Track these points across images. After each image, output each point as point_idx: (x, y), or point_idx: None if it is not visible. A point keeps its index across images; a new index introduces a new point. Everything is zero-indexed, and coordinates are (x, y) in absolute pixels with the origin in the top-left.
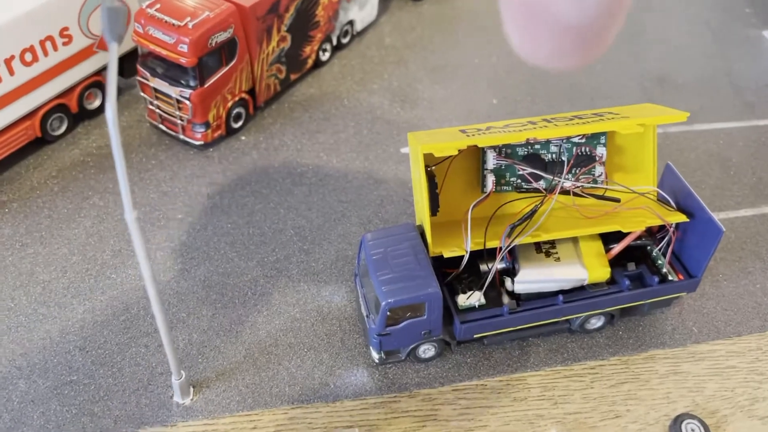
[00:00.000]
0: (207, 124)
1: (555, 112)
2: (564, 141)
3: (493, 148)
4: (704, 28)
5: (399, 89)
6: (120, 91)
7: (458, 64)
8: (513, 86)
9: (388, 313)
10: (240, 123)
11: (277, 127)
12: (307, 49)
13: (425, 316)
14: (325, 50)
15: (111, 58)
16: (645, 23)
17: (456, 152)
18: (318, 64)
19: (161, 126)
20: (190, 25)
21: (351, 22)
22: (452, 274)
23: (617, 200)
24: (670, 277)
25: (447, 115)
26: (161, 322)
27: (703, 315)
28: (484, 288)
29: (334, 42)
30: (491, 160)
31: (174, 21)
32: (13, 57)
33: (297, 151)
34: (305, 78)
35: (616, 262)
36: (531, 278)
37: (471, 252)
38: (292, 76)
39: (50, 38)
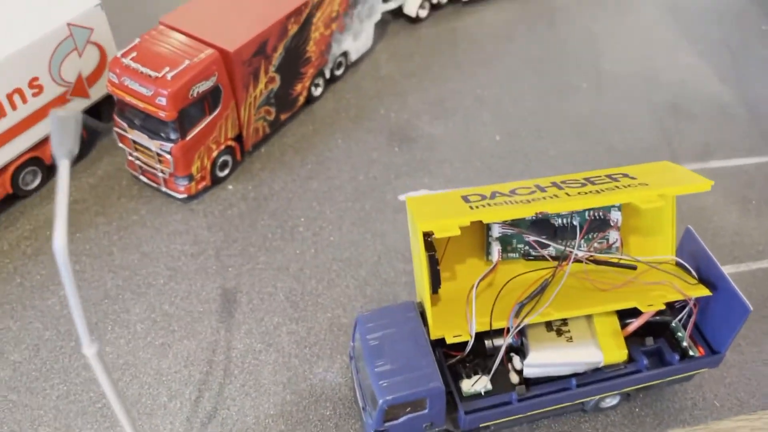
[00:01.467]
0: (190, 177)
1: (561, 148)
2: None
3: None
4: (718, 47)
5: (396, 126)
6: (98, 136)
7: (459, 96)
8: (518, 119)
9: (386, 409)
10: (226, 171)
11: (267, 173)
12: (299, 87)
13: (427, 411)
14: (317, 85)
15: (60, 178)
16: (655, 45)
17: (458, 232)
18: (310, 100)
19: (142, 177)
20: (168, 77)
21: (345, 53)
22: (456, 358)
23: (634, 267)
24: (691, 353)
25: (447, 155)
26: None
27: (725, 386)
28: (492, 373)
29: (327, 75)
30: (497, 229)
31: (151, 72)
32: None
33: (288, 201)
34: (297, 115)
35: (632, 335)
36: (542, 362)
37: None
38: (282, 117)
39: (18, 91)
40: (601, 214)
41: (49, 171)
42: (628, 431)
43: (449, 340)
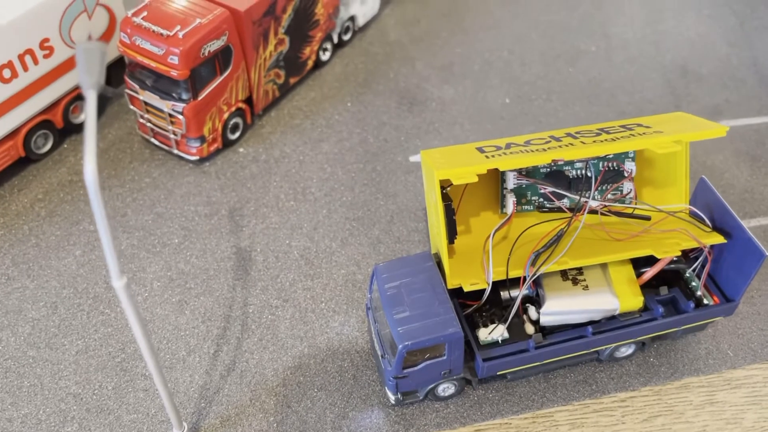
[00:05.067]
0: (202, 139)
1: (571, 111)
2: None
3: None
4: (726, 12)
5: (406, 90)
6: (108, 100)
7: (468, 60)
8: (527, 83)
9: (405, 355)
10: (237, 134)
11: (277, 136)
12: (307, 50)
13: (445, 357)
14: (325, 50)
15: (89, 109)
16: (663, 10)
17: (476, 179)
18: (318, 64)
19: (153, 140)
20: (180, 35)
21: (352, 18)
22: (473, 308)
23: (647, 218)
24: (705, 302)
25: (458, 117)
26: (161, 386)
27: (738, 336)
28: (508, 322)
29: (335, 40)
30: (511, 180)
31: (162, 31)
32: None
33: (299, 163)
34: (305, 80)
35: (646, 285)
36: (558, 310)
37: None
38: (292, 80)
39: (30, 51)
40: (615, 165)
41: (61, 135)
42: (643, 380)
43: (466, 288)
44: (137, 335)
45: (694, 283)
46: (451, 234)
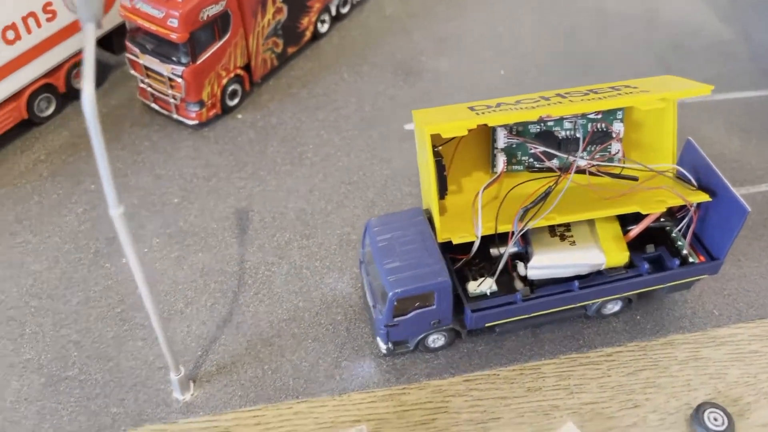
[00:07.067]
0: (201, 103)
1: (565, 84)
2: (579, 117)
3: (504, 126)
4: None
5: (402, 61)
6: (110, 68)
7: (463, 34)
8: (521, 56)
9: (396, 303)
10: (236, 100)
11: (275, 104)
12: (305, 21)
13: (434, 306)
14: (323, 21)
15: (87, 42)
16: None
17: (465, 132)
18: (316, 36)
19: (154, 105)
20: None
21: None
22: (462, 261)
23: (635, 179)
24: (690, 260)
25: (452, 88)
26: (156, 323)
27: (724, 297)
28: (497, 275)
29: (333, 12)
30: (502, 139)
31: None
32: None
33: (296, 130)
34: (303, 51)
35: (633, 244)
36: (545, 264)
37: (482, 236)
38: (290, 50)
39: (33, 14)
40: (603, 126)
41: (63, 99)
42: (629, 336)
43: (456, 240)
44: (132, 265)
45: (680, 242)
46: (442, 189)
